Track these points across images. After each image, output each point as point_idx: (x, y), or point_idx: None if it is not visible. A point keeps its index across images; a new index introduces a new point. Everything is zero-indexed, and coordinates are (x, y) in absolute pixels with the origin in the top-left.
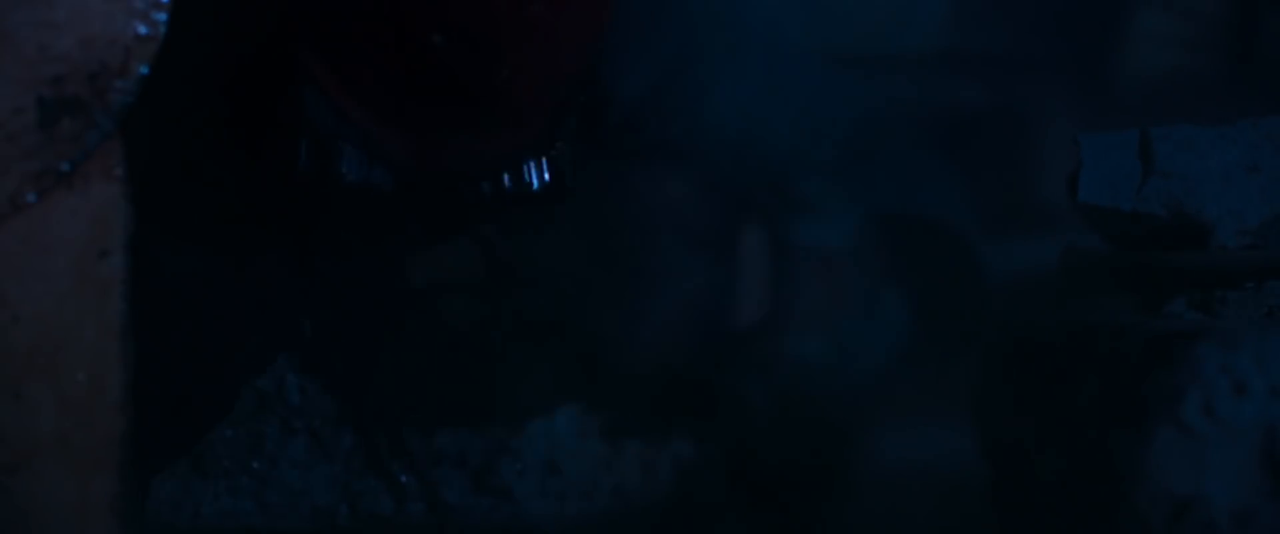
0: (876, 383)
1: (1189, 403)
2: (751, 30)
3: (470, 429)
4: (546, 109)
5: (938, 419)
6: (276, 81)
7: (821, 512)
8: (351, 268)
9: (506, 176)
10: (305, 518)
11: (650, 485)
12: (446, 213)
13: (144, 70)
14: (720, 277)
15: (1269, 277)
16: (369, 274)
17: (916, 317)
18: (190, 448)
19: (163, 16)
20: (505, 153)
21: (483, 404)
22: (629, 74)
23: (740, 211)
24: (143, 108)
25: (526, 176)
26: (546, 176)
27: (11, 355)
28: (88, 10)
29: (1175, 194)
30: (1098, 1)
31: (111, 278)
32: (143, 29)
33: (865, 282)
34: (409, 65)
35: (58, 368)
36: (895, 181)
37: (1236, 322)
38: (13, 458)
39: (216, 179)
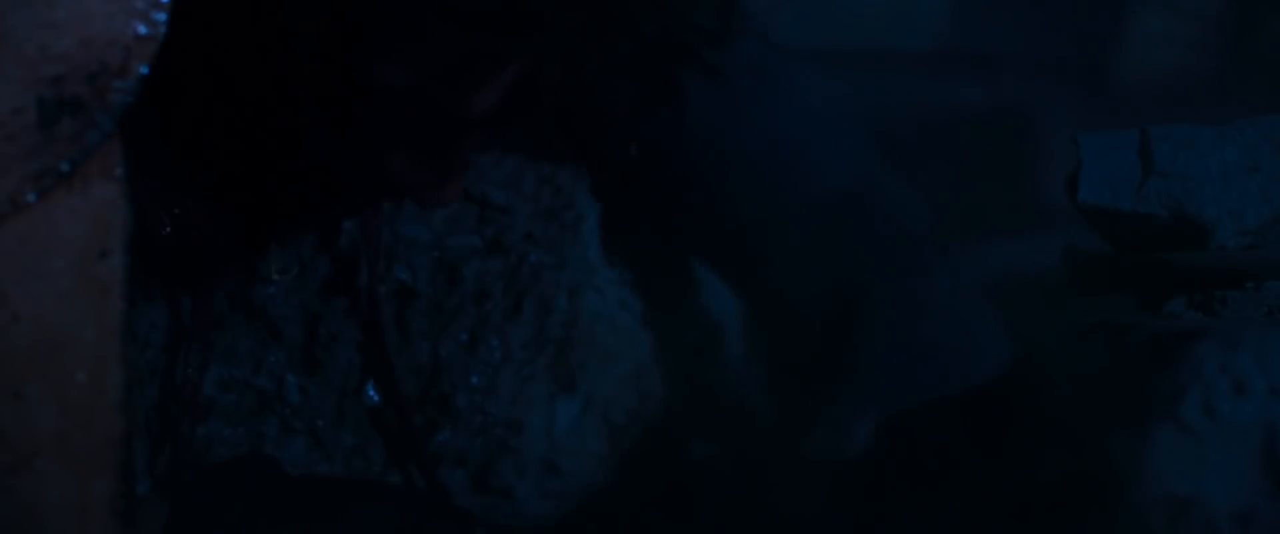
0: None
1: (1189, 403)
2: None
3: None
4: None
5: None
6: None
7: (820, 511)
8: None
9: None
10: None
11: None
12: None
13: (144, 70)
14: None
15: (1269, 277)
16: None
17: None
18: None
19: (162, 16)
20: None
21: None
22: None
23: None
24: None
25: None
26: None
27: (11, 355)
28: (88, 10)
29: (1175, 194)
30: (1098, 1)
31: (111, 278)
32: (143, 29)
33: None
34: None
35: (58, 368)
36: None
37: (1236, 322)
38: (13, 458)
39: None
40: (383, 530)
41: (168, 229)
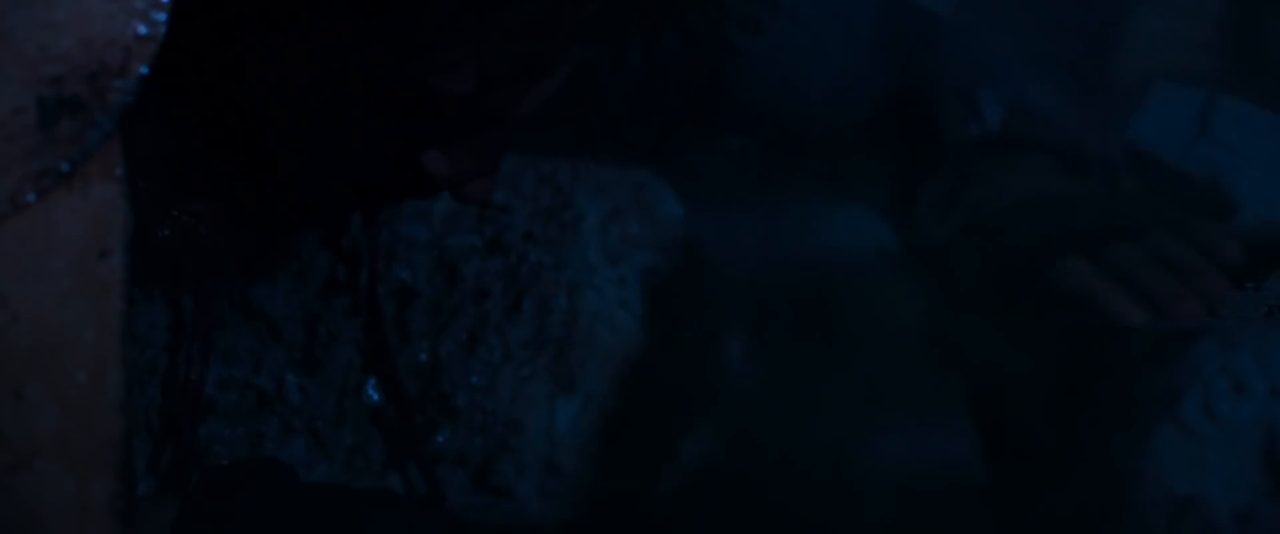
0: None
1: (1189, 402)
2: None
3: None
4: None
5: (937, 419)
6: None
7: (821, 512)
8: None
9: None
10: None
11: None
12: None
13: (144, 70)
14: None
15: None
16: None
17: None
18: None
19: (162, 16)
20: None
21: None
22: None
23: None
24: None
25: None
26: None
27: (11, 355)
28: (88, 10)
29: (1217, 163)
30: (1098, 1)
31: (111, 278)
32: (143, 29)
33: None
34: None
35: (58, 368)
36: None
37: (1236, 321)
38: (13, 458)
39: None
40: None
41: (168, 229)
